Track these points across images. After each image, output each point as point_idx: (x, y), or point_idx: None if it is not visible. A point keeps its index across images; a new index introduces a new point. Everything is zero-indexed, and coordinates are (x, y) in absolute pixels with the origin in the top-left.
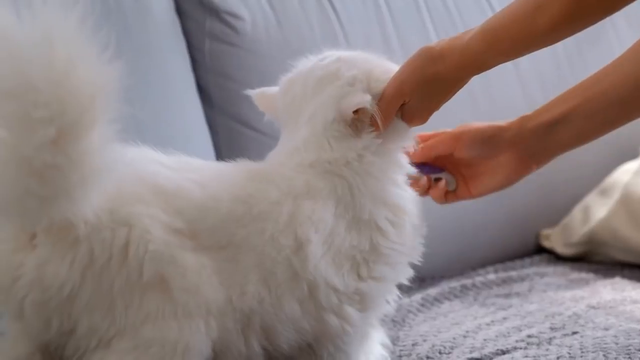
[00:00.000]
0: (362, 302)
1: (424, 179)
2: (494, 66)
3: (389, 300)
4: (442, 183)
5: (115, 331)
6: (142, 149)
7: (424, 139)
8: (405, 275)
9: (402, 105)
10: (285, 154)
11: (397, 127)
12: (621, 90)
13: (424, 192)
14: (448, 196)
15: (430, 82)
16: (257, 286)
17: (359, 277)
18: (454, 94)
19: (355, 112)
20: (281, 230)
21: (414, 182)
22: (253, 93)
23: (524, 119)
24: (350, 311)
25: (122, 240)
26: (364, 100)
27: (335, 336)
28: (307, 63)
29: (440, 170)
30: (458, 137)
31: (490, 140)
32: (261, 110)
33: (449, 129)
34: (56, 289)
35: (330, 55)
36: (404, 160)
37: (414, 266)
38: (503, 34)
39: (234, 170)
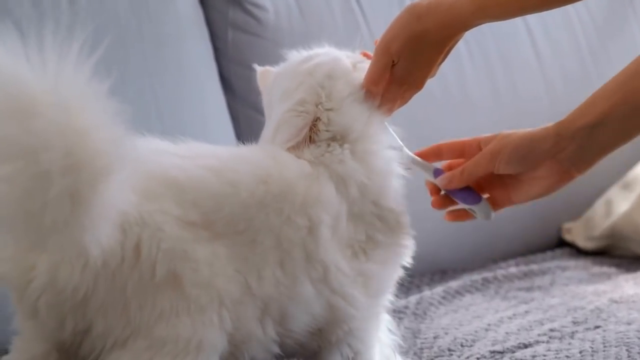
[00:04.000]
0: (366, 285)
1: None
2: (479, 25)
3: (392, 288)
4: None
5: (131, 331)
6: (148, 139)
7: (454, 150)
8: (399, 273)
9: (393, 66)
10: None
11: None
12: None
13: (458, 218)
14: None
15: (417, 39)
16: (274, 269)
17: (360, 261)
18: (444, 54)
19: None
20: (297, 211)
21: (450, 214)
22: (259, 69)
23: (560, 127)
24: (356, 294)
25: (133, 241)
26: (292, 138)
27: (342, 321)
28: (295, 58)
29: (479, 199)
30: (495, 156)
31: (528, 156)
32: (260, 87)
33: (481, 136)
34: (70, 292)
35: (314, 56)
36: (384, 157)
37: (435, 258)
38: (492, 1)
39: (248, 151)
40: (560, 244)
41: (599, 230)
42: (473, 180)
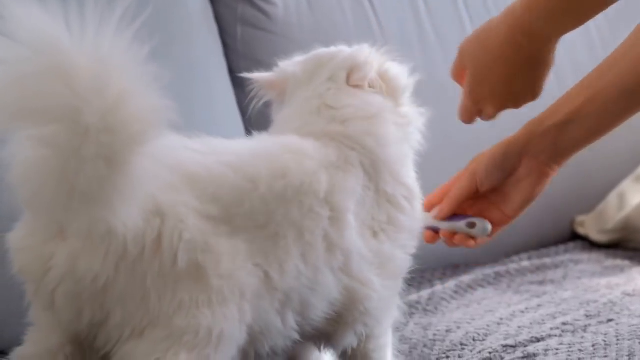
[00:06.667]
0: (383, 267)
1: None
2: (541, 33)
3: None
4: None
5: (149, 321)
6: (166, 135)
7: (443, 193)
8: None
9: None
10: (302, 120)
11: (402, 90)
12: (626, 81)
13: (464, 243)
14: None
15: (482, 42)
16: (297, 261)
17: (379, 242)
18: (516, 64)
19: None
20: (320, 201)
21: (448, 238)
22: (254, 76)
23: (531, 125)
24: (373, 278)
25: (155, 232)
26: (368, 73)
27: (359, 302)
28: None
29: (471, 216)
30: (474, 174)
31: (504, 162)
32: (265, 88)
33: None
34: (89, 282)
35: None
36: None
37: (447, 253)
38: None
39: (266, 144)
40: (573, 237)
41: (612, 223)
42: (459, 204)
